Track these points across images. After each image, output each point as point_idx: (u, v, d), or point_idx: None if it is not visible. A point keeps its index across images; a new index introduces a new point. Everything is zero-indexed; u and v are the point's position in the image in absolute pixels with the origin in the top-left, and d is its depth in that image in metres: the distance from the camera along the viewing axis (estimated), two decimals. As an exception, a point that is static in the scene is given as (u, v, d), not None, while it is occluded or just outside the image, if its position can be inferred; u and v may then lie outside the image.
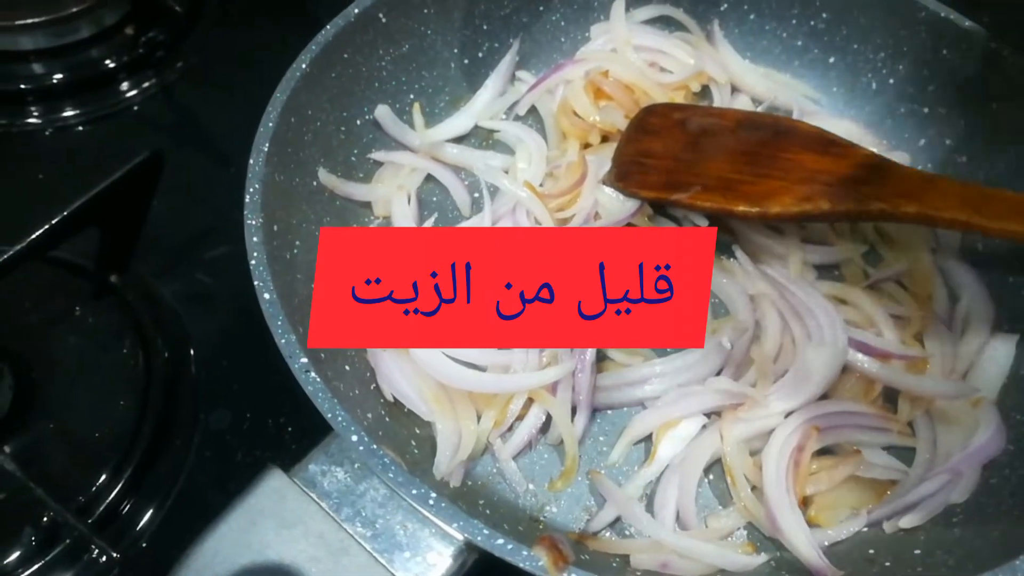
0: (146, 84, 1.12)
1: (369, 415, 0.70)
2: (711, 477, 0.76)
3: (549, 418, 0.76)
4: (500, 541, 0.56)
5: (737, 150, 0.86)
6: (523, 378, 0.74)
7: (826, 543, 0.71)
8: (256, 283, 0.66)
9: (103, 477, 0.75)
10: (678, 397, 0.76)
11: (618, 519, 0.73)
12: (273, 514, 0.60)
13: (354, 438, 0.59)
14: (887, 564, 0.69)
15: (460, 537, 0.60)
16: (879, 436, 0.77)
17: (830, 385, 0.77)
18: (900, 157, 0.97)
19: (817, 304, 0.81)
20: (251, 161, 0.73)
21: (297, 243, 0.77)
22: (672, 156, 0.87)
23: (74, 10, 1.09)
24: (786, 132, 0.86)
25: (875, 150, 0.85)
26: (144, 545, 0.74)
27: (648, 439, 0.77)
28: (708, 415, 0.77)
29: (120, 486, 0.75)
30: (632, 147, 0.90)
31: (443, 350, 0.75)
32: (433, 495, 0.57)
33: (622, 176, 0.88)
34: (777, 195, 0.81)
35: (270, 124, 0.76)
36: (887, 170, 0.80)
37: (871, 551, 0.71)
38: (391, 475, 0.58)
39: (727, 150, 0.86)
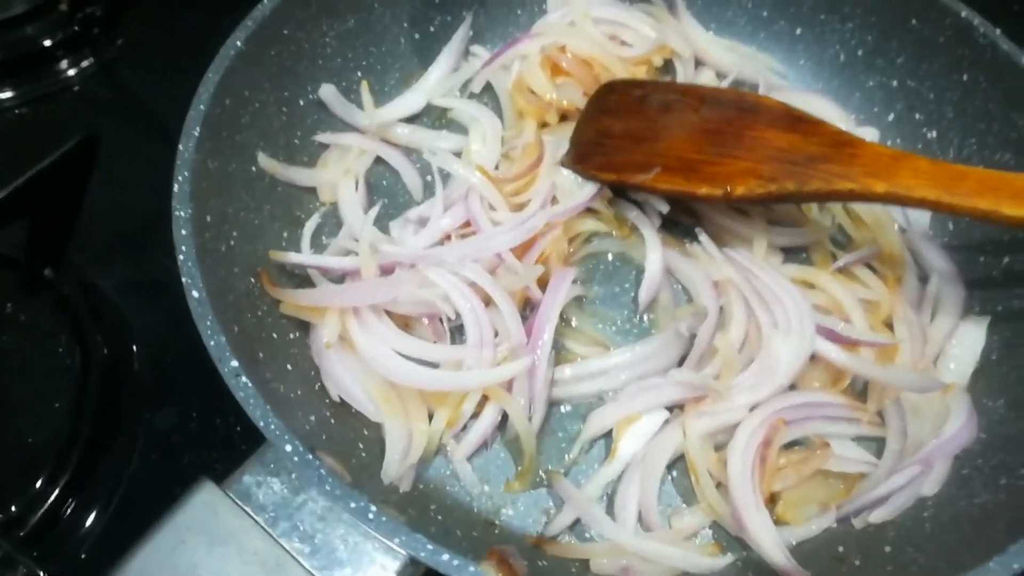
0: (84, 63, 1.07)
1: (312, 418, 0.67)
2: (674, 474, 0.74)
3: (505, 416, 0.73)
4: (445, 557, 0.53)
5: (700, 128, 0.83)
6: (478, 375, 0.71)
7: (793, 541, 0.69)
8: (184, 280, 0.63)
9: (39, 483, 0.72)
10: (638, 390, 0.74)
11: (578, 521, 0.70)
12: (203, 531, 0.57)
13: (288, 448, 0.56)
14: (856, 563, 0.67)
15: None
16: (848, 427, 0.75)
17: (797, 376, 0.75)
18: (869, 132, 0.95)
19: (784, 290, 0.79)
20: (180, 147, 0.69)
21: (234, 234, 0.73)
22: (632, 136, 0.84)
23: (6, -16, 1.04)
24: (751, 109, 0.83)
25: (843, 125, 0.82)
26: (84, 556, 0.71)
27: (608, 435, 0.74)
28: (670, 409, 0.74)
29: (57, 493, 0.72)
30: (591, 127, 0.87)
31: (392, 347, 0.72)
32: (373, 509, 0.54)
33: (580, 158, 0.85)
34: (742, 176, 0.78)
35: (201, 107, 0.72)
36: (855, 148, 0.77)
37: (840, 548, 0.69)
38: (328, 487, 0.55)
39: (690, 129, 0.83)
